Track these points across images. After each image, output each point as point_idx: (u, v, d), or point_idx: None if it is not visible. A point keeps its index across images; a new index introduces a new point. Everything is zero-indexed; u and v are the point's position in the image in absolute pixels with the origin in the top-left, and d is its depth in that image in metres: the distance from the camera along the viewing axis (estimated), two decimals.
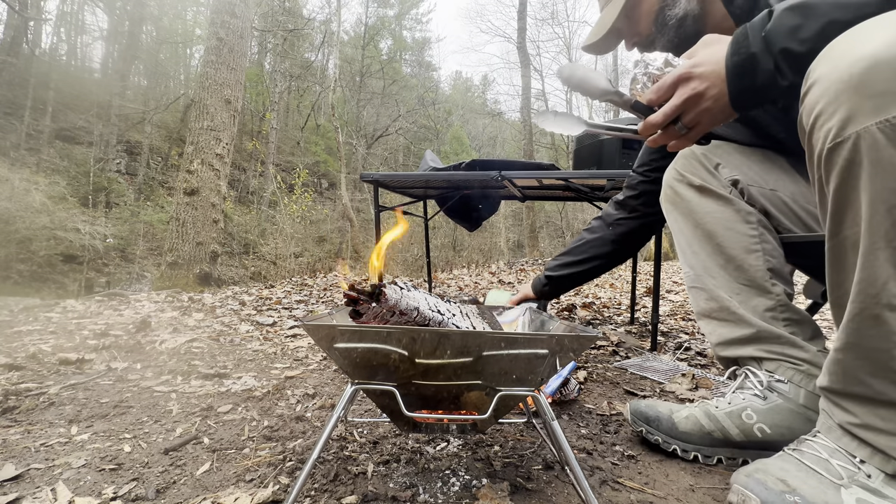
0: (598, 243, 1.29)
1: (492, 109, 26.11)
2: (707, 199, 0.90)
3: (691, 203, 0.92)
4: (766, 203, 0.87)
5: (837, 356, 0.58)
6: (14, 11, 9.29)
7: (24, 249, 8.05)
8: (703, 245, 0.91)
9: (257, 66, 17.00)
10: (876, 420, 0.55)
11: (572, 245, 1.34)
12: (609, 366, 1.45)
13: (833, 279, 0.59)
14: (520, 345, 0.58)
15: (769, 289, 0.83)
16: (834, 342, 0.59)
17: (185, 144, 5.28)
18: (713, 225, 0.88)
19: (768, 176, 0.89)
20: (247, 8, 5.49)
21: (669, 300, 3.15)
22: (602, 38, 0.97)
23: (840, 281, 0.58)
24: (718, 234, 0.88)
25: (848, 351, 0.57)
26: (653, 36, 0.93)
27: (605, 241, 1.29)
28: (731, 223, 0.87)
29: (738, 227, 0.86)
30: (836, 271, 0.58)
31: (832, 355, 0.60)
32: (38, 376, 1.24)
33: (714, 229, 0.88)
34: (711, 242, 0.89)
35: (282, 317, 2.28)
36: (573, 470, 0.60)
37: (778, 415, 0.77)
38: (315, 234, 12.44)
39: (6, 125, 10.77)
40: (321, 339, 0.58)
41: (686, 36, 0.89)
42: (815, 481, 0.58)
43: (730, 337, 0.85)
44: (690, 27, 0.88)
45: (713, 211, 0.89)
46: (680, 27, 0.89)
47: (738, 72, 0.61)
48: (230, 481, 0.72)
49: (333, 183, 16.76)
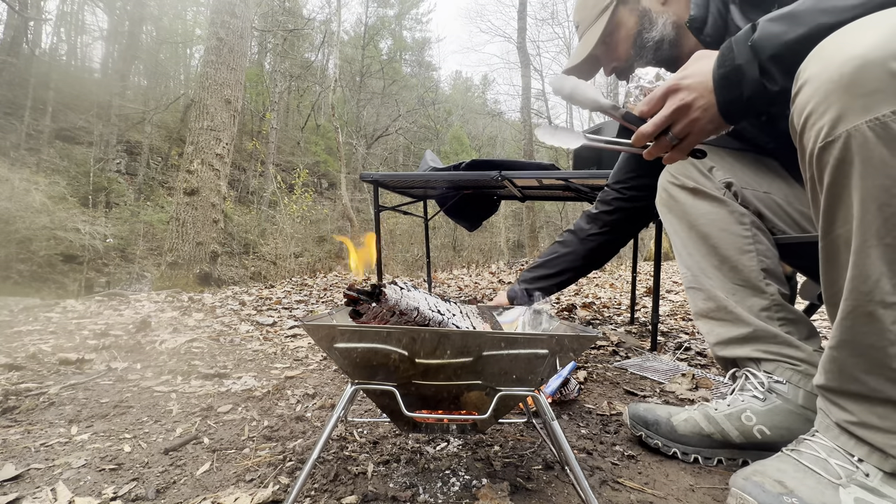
0: (571, 258, 1.32)
1: (492, 109, 26.12)
2: (701, 201, 0.91)
3: (685, 205, 0.92)
4: (760, 205, 0.88)
5: (833, 354, 0.59)
6: (14, 11, 9.29)
7: (24, 249, 8.05)
8: (697, 246, 0.91)
9: (257, 66, 17.00)
10: (873, 418, 0.55)
11: (546, 257, 1.35)
12: (609, 366, 1.45)
13: (827, 277, 0.59)
14: (520, 345, 0.58)
15: (763, 289, 0.84)
16: (829, 340, 0.59)
17: (185, 144, 5.28)
18: (707, 227, 0.89)
19: (761, 179, 0.90)
20: (247, 8, 5.49)
21: (669, 300, 3.15)
22: (581, 63, 1.00)
23: (833, 279, 0.58)
24: (713, 235, 0.88)
25: (843, 348, 0.57)
26: (631, 59, 0.97)
27: (577, 256, 1.32)
28: (725, 224, 0.87)
29: (732, 228, 0.87)
30: (829, 269, 0.59)
31: (828, 353, 0.60)
32: (38, 376, 1.24)
33: (708, 231, 0.89)
34: (706, 244, 0.90)
35: (282, 317, 2.28)
36: (573, 470, 0.60)
37: (777, 416, 0.77)
38: (315, 234, 12.44)
39: (6, 125, 10.78)
40: (321, 339, 0.58)
41: (663, 59, 0.93)
42: (812, 481, 0.58)
43: (727, 336, 0.86)
44: (667, 51, 0.92)
45: (707, 213, 0.89)
46: (657, 50, 0.92)
47: (724, 83, 0.62)
48: (230, 481, 0.72)
49: (333, 183, 16.76)
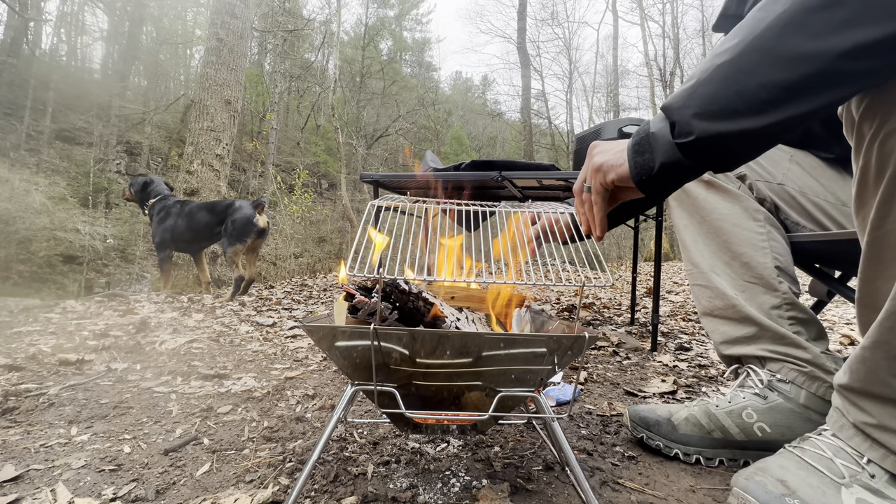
0: None
1: (492, 110, 26.12)
2: (714, 195, 0.89)
3: (698, 199, 0.91)
4: (774, 197, 0.87)
5: (864, 354, 0.56)
6: (14, 12, 9.30)
7: (23, 250, 8.05)
8: (708, 242, 0.90)
9: (257, 67, 17.00)
10: (893, 422, 0.54)
11: None
12: (609, 366, 1.45)
13: (866, 275, 0.56)
14: (519, 345, 0.58)
15: (776, 286, 0.82)
16: (863, 340, 0.57)
17: (185, 145, 5.28)
18: (720, 221, 0.88)
19: (775, 170, 0.89)
20: (247, 9, 5.49)
21: (670, 301, 3.15)
22: None
23: (873, 277, 0.55)
24: (725, 230, 0.87)
25: (877, 349, 0.54)
26: None
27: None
28: (739, 219, 0.86)
29: (746, 224, 0.86)
30: (871, 266, 0.55)
31: (858, 353, 0.57)
32: (38, 377, 1.24)
33: (721, 225, 0.88)
34: (718, 239, 0.88)
35: (281, 317, 2.28)
36: (573, 471, 0.60)
37: (778, 414, 0.77)
38: (315, 234, 12.43)
39: (6, 126, 10.78)
40: (321, 340, 0.58)
41: None
42: (815, 480, 0.58)
43: (734, 335, 0.85)
44: None
45: (720, 207, 0.88)
46: None
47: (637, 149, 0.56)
48: (230, 482, 0.72)
49: (333, 183, 16.75)
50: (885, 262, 0.53)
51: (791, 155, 0.91)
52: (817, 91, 0.45)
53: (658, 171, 0.54)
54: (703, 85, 0.50)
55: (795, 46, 0.44)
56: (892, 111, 0.49)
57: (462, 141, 23.28)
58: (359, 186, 15.23)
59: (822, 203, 0.86)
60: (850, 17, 0.42)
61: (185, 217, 3.33)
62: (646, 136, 0.55)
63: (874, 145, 0.52)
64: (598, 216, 0.64)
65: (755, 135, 0.48)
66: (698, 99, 0.50)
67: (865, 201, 0.55)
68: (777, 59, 0.45)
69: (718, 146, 0.50)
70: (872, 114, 0.51)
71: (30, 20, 10.38)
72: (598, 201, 0.63)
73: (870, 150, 0.52)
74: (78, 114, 12.51)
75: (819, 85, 0.45)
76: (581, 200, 0.66)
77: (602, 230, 0.64)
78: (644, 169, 0.55)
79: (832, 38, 0.43)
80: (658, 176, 0.54)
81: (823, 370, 0.77)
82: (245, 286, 3.20)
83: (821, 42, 0.43)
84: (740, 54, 0.48)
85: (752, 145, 0.51)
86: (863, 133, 0.53)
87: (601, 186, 0.61)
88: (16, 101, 11.54)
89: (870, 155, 0.53)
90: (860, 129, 0.54)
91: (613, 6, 18.41)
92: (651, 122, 0.56)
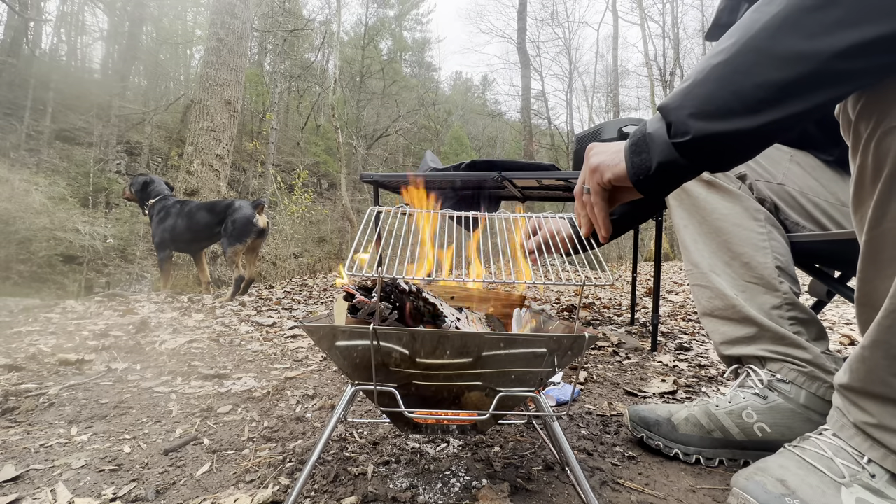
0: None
1: (492, 110, 26.12)
2: (715, 195, 0.89)
3: (698, 199, 0.91)
4: (775, 197, 0.87)
5: (864, 354, 0.56)
6: (14, 12, 9.30)
7: (23, 250, 8.05)
8: (708, 242, 0.90)
9: (257, 67, 17.00)
10: (893, 421, 0.54)
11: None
12: (609, 366, 1.45)
13: (865, 274, 0.56)
14: (519, 345, 0.58)
15: (777, 286, 0.82)
16: (862, 340, 0.57)
17: (185, 145, 5.29)
18: (721, 221, 0.88)
19: (775, 169, 0.89)
20: (247, 9, 5.49)
21: (670, 301, 3.15)
22: None
23: (872, 276, 0.55)
24: (726, 230, 0.87)
25: (877, 349, 0.54)
26: None
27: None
28: (740, 219, 0.86)
29: (747, 224, 0.86)
30: (870, 265, 0.55)
31: (858, 353, 0.57)
32: (38, 377, 1.24)
33: (721, 225, 0.88)
34: (718, 239, 0.88)
35: (282, 317, 2.28)
36: (573, 471, 0.60)
37: (778, 414, 0.77)
38: (315, 234, 12.42)
39: (6, 126, 10.77)
40: (321, 340, 0.58)
41: None
42: (815, 480, 0.58)
43: (734, 336, 0.85)
44: None
45: (721, 207, 0.88)
46: None
47: (634, 149, 0.57)
48: (230, 482, 0.72)
49: (333, 183, 16.75)
50: (883, 261, 0.53)
51: (791, 155, 0.90)
52: (812, 90, 0.45)
53: (655, 171, 0.54)
54: (699, 85, 0.50)
55: (790, 46, 0.45)
56: (888, 110, 0.49)
57: (462, 141, 23.28)
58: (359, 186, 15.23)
59: (822, 203, 0.86)
60: (845, 16, 0.42)
61: (185, 217, 3.34)
62: (643, 137, 0.55)
63: (871, 144, 0.52)
64: (600, 216, 0.64)
65: (751, 134, 0.48)
66: (694, 99, 0.50)
67: (863, 200, 0.55)
68: (772, 59, 0.46)
69: (715, 146, 0.50)
70: (869, 113, 0.51)
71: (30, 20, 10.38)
72: (598, 201, 0.63)
73: (866, 150, 0.53)
74: (78, 114, 12.51)
75: (814, 84, 0.45)
76: (581, 203, 0.66)
77: (607, 230, 0.65)
78: (641, 169, 0.55)
79: (827, 37, 0.43)
80: (655, 176, 0.55)
81: (824, 370, 0.77)
82: (245, 286, 3.21)
83: (815, 42, 0.43)
84: (736, 55, 0.48)
85: (748, 145, 0.51)
86: (859, 132, 0.54)
87: (599, 186, 0.62)
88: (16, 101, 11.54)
89: (866, 154, 0.53)
90: (857, 128, 0.54)
91: (613, 6, 18.42)
92: (648, 122, 0.56)
